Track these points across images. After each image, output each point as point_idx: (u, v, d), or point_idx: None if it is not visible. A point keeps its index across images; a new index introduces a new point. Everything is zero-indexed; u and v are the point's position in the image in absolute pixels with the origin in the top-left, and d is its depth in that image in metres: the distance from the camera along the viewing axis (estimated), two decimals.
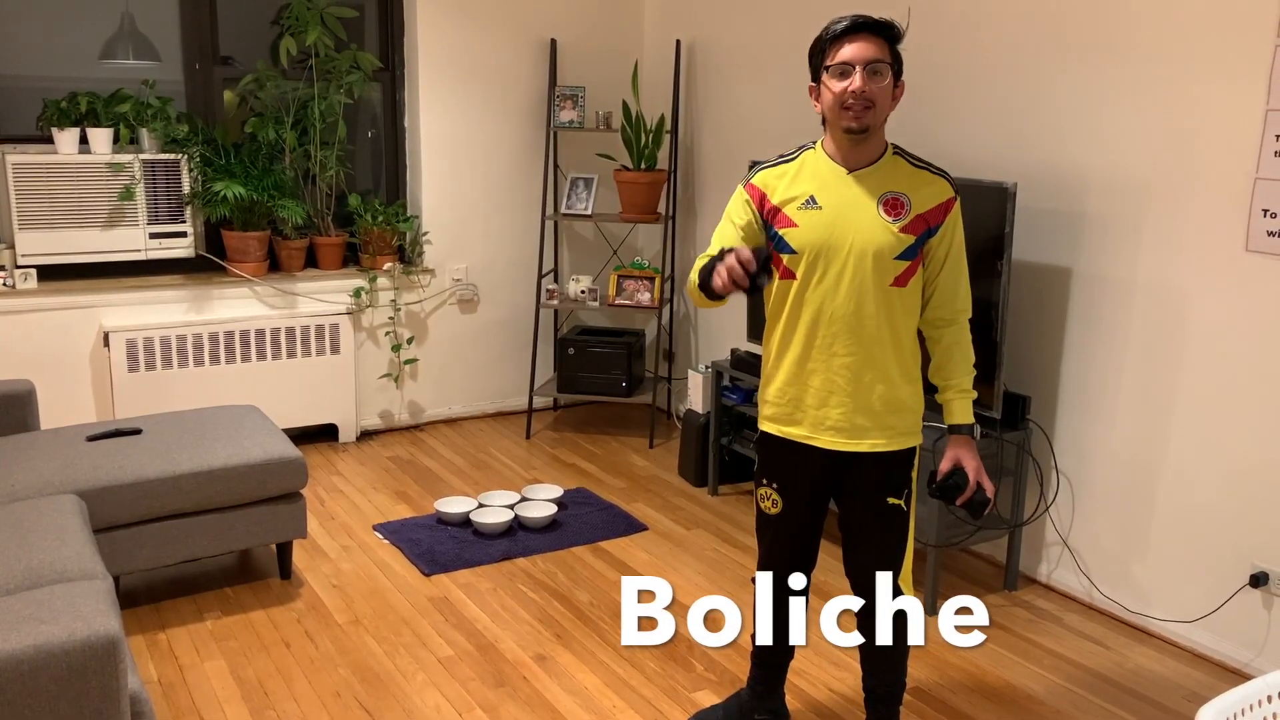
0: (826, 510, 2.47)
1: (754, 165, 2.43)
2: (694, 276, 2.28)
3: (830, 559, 2.60)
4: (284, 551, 3.42)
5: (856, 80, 2.16)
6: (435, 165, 4.84)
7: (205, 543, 3.20)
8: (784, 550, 2.49)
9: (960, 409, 2.36)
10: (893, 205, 2.24)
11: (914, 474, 2.39)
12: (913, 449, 2.37)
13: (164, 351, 4.26)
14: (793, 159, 2.36)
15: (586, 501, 4.12)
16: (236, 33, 4.54)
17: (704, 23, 4.80)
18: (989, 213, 3.14)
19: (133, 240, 4.21)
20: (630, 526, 3.89)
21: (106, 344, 4.17)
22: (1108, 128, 3.18)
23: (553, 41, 4.93)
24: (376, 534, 3.80)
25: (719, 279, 2.09)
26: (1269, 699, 1.52)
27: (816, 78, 2.25)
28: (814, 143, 2.34)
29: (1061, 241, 3.33)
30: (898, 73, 2.22)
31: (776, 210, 2.32)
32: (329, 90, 4.52)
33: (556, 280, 5.23)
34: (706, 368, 4.30)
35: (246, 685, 2.83)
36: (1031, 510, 3.50)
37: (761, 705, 2.63)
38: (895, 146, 2.31)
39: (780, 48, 4.38)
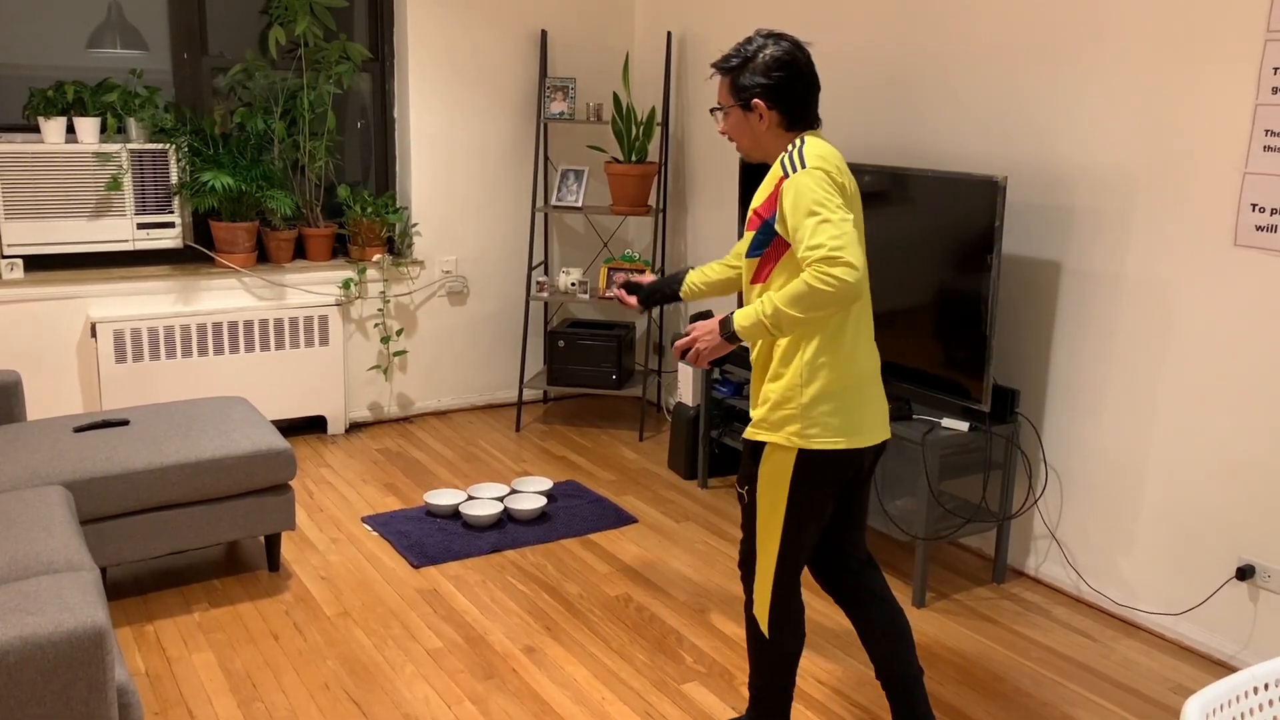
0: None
1: None
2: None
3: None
4: (272, 543, 3.41)
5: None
6: (425, 157, 4.83)
7: (193, 534, 3.19)
8: None
9: (743, 309, 2.25)
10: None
11: (761, 474, 2.30)
12: (760, 444, 2.30)
13: (151, 342, 4.24)
14: None
15: (576, 494, 4.12)
16: (225, 22, 4.52)
17: (695, 15, 4.80)
18: (978, 207, 3.14)
19: (120, 230, 4.19)
20: (620, 519, 3.89)
21: (93, 335, 4.14)
22: (1097, 122, 3.19)
23: (543, 33, 4.92)
24: (365, 526, 3.79)
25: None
26: (1255, 690, 1.52)
27: None
28: None
29: (1051, 236, 3.34)
30: (745, 101, 2.29)
31: None
32: (318, 81, 4.50)
33: (547, 273, 5.22)
34: None
35: (234, 677, 2.82)
36: (1020, 503, 3.51)
37: None
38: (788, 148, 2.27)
39: None
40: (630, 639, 3.06)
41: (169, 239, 4.29)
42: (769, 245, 2.27)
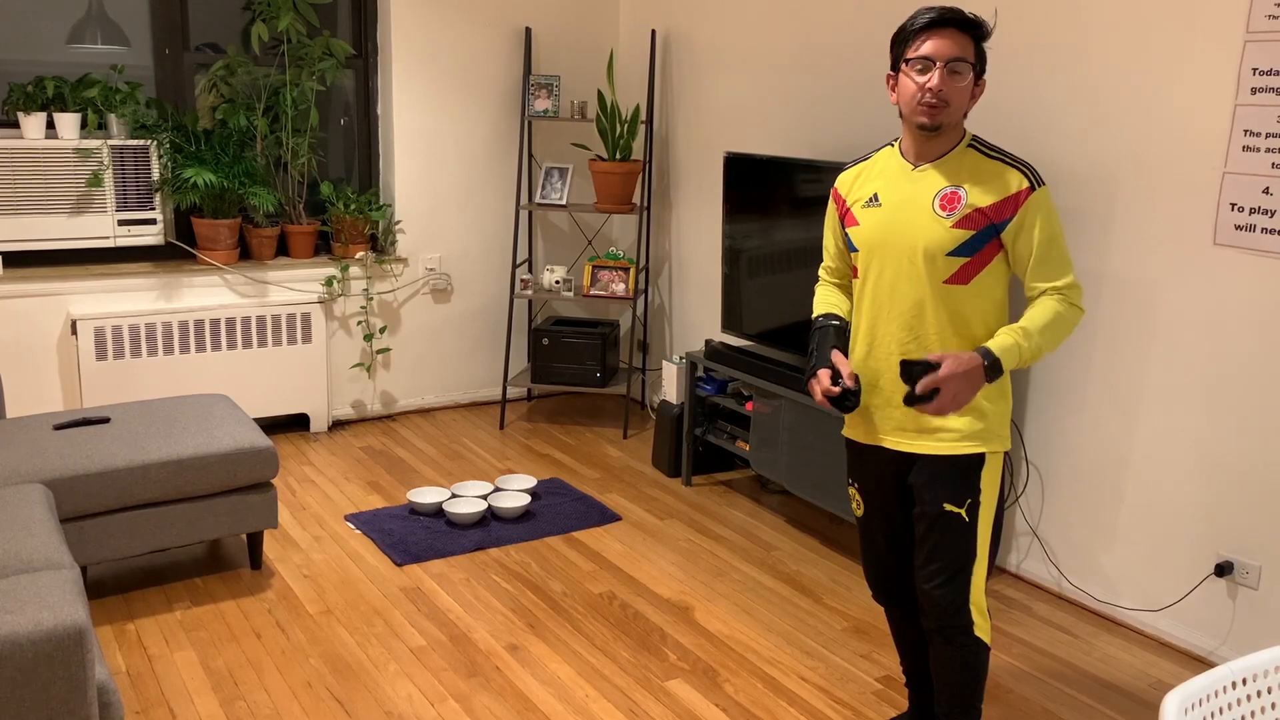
0: (907, 516, 2.38)
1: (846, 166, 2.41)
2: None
3: None
4: (255, 542, 3.39)
5: (935, 78, 2.11)
6: (408, 153, 4.81)
7: (174, 533, 3.17)
8: (876, 553, 2.45)
9: (996, 339, 2.13)
10: (948, 200, 2.16)
11: (984, 484, 2.26)
12: (980, 455, 2.24)
13: (132, 340, 4.21)
14: (868, 157, 2.33)
15: (560, 492, 4.12)
16: (207, 18, 4.49)
17: (679, 13, 4.80)
18: None
19: (101, 227, 4.17)
20: (604, 517, 3.90)
21: (74, 332, 4.12)
22: (1078, 122, 3.21)
23: (528, 30, 4.91)
24: (348, 524, 3.78)
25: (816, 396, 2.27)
26: (1233, 685, 1.54)
27: (896, 68, 2.19)
28: (896, 139, 2.29)
29: None
30: (980, 71, 2.16)
31: (848, 210, 2.32)
32: (301, 77, 4.48)
33: (531, 270, 5.21)
34: (681, 359, 4.30)
35: (216, 676, 2.81)
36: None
37: None
38: (973, 138, 2.22)
39: (755, 38, 4.38)
40: (614, 636, 3.06)
41: (150, 235, 4.27)
42: (983, 248, 2.16)
